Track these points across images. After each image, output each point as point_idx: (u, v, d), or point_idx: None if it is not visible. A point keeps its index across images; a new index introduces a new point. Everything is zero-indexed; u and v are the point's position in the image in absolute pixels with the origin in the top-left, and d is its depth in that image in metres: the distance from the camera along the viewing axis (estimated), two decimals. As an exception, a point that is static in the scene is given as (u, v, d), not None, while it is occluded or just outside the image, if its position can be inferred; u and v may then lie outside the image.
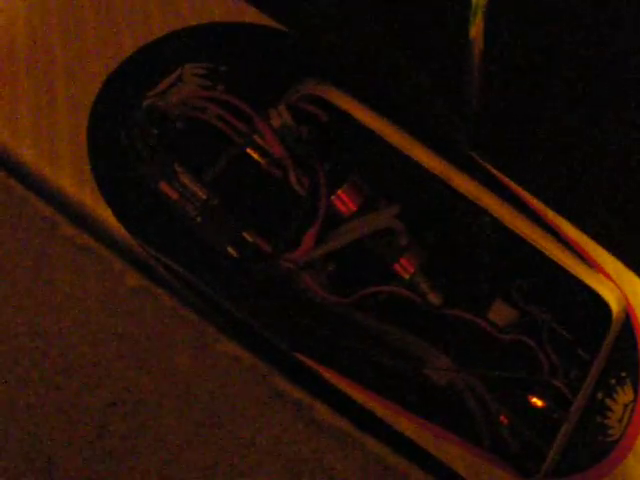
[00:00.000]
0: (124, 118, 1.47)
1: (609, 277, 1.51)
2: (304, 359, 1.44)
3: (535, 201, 1.52)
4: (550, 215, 1.52)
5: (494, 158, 1.55)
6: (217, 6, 1.52)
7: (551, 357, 1.49)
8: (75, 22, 1.50)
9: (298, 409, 1.43)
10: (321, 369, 1.44)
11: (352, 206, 1.48)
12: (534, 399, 1.49)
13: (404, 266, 1.49)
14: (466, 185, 1.51)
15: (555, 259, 1.50)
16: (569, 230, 1.51)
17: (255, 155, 1.46)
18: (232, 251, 1.46)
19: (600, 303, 1.50)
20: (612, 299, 1.50)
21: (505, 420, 1.48)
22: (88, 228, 1.46)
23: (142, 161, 1.47)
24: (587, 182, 1.90)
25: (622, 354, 1.49)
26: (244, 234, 1.45)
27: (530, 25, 1.97)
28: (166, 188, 1.45)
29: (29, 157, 1.47)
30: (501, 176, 1.52)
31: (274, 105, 1.47)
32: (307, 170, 1.46)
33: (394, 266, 1.49)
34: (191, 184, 1.45)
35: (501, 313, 1.50)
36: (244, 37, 1.53)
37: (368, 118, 1.51)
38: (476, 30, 1.69)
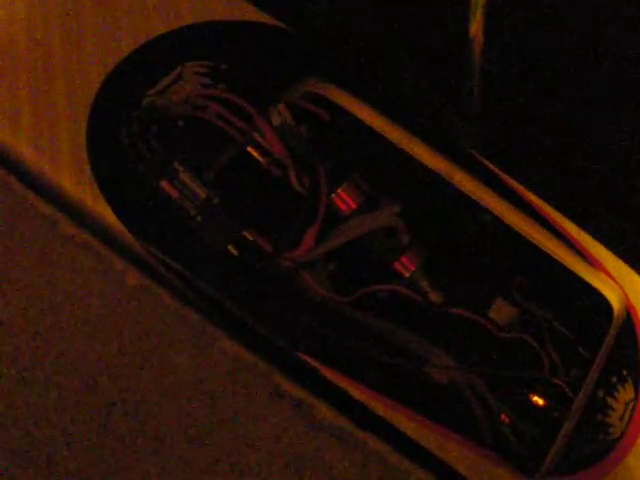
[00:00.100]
0: (124, 116, 1.47)
1: (610, 275, 1.50)
2: (305, 358, 1.44)
3: (536, 199, 1.52)
4: (551, 213, 1.51)
5: (494, 157, 1.55)
6: (217, 4, 1.52)
7: (552, 355, 1.49)
8: (75, 20, 1.50)
9: (299, 408, 1.42)
10: (322, 368, 1.43)
11: (352, 204, 1.48)
12: (535, 397, 1.48)
13: (405, 264, 1.49)
14: (467, 183, 1.50)
15: (556, 257, 1.50)
16: (570, 228, 1.51)
17: (255, 154, 1.46)
18: (232, 250, 1.45)
19: (601, 301, 1.50)
20: (613, 297, 1.50)
21: (506, 418, 1.48)
22: (88, 227, 1.46)
23: (142, 160, 1.47)
24: (587, 182, 1.91)
25: (623, 352, 1.48)
26: (244, 233, 1.45)
27: (530, 25, 1.97)
28: (166, 187, 1.45)
29: (29, 155, 1.46)
30: (501, 174, 1.52)
31: (274, 103, 1.47)
32: (307, 169, 1.46)
33: (394, 265, 1.49)
34: (191, 183, 1.45)
35: (502, 311, 1.50)
36: (244, 35, 1.52)
37: (368, 116, 1.51)
38: (476, 29, 1.70)
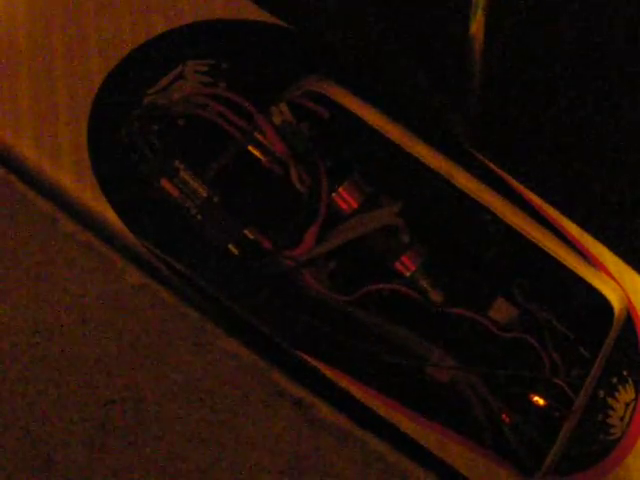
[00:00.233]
0: (125, 115, 1.47)
1: (611, 275, 1.51)
2: (305, 357, 1.43)
3: (536, 199, 1.52)
4: (552, 213, 1.51)
5: (495, 156, 1.55)
6: (218, 3, 1.52)
7: (552, 355, 1.49)
8: (75, 19, 1.50)
9: (299, 407, 1.42)
10: (322, 367, 1.43)
11: (353, 203, 1.47)
12: (535, 397, 1.48)
13: (405, 264, 1.48)
14: (468, 183, 1.50)
15: (557, 257, 1.50)
16: (570, 228, 1.51)
17: (256, 152, 1.46)
18: (233, 248, 1.45)
19: (602, 301, 1.50)
20: (614, 297, 1.50)
21: (506, 418, 1.48)
22: (88, 225, 1.46)
23: (143, 158, 1.46)
24: (587, 182, 1.91)
25: (623, 352, 1.49)
26: (245, 231, 1.44)
27: (530, 25, 1.97)
28: (167, 185, 1.45)
29: (29, 153, 1.46)
30: (502, 173, 1.52)
31: (275, 102, 1.47)
32: (308, 167, 1.46)
33: (395, 264, 1.49)
34: (192, 181, 1.44)
35: (502, 311, 1.49)
36: (245, 34, 1.52)
37: (370, 115, 1.51)
38: (476, 28, 1.70)
